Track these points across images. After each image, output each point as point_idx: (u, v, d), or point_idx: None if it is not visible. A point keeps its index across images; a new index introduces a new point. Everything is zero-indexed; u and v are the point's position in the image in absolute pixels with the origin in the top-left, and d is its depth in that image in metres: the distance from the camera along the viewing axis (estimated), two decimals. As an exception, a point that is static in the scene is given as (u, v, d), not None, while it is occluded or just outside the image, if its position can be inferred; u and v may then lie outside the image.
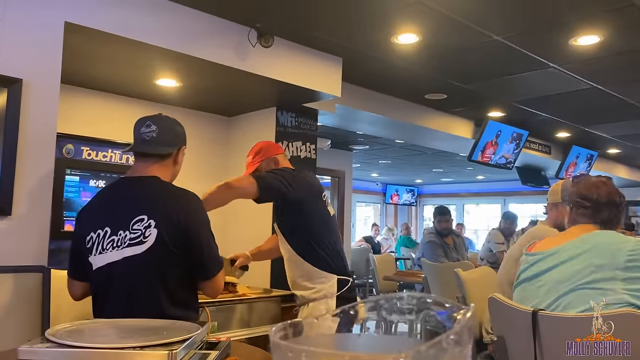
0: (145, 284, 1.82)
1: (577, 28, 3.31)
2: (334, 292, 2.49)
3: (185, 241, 1.85)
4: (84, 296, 2.01)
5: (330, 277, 2.51)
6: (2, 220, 2.24)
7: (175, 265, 1.84)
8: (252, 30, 3.21)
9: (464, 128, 6.10)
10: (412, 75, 4.40)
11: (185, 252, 1.85)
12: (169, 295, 1.83)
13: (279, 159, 2.69)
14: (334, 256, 2.55)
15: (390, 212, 14.78)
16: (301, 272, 2.53)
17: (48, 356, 1.24)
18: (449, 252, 5.71)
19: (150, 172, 1.97)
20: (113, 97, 3.77)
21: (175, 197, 1.93)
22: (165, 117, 2.08)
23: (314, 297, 2.50)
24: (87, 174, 3.64)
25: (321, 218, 2.57)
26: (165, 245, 1.81)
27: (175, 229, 1.83)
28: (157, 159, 2.00)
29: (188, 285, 1.92)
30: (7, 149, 2.26)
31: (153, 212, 1.84)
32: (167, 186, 1.98)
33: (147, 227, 1.82)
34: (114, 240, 1.83)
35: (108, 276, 1.84)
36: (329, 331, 0.53)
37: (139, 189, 1.95)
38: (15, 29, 2.34)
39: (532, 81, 4.49)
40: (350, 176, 8.24)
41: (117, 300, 1.83)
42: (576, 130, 6.60)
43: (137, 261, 1.80)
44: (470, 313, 0.45)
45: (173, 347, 1.25)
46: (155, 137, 1.97)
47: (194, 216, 1.90)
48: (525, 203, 12.79)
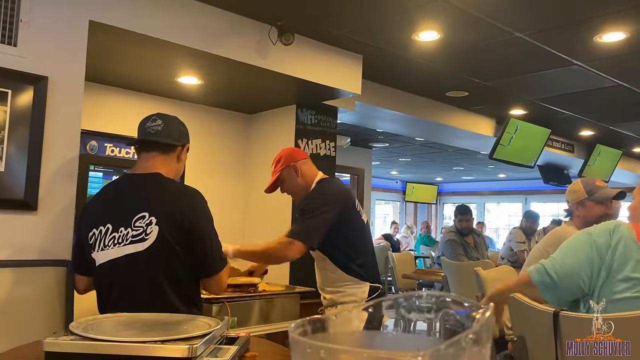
0: (147, 280, 1.83)
1: (602, 24, 3.25)
2: (364, 298, 2.47)
3: (187, 238, 1.85)
4: (88, 290, 2.06)
5: (363, 285, 2.48)
6: (28, 215, 2.29)
7: (177, 262, 1.85)
8: (273, 28, 3.22)
9: (485, 126, 6.04)
10: (432, 73, 4.37)
11: (188, 249, 1.86)
12: (171, 291, 1.84)
13: (298, 166, 2.59)
14: (367, 264, 2.51)
15: (410, 210, 14.70)
16: (334, 278, 2.50)
17: (72, 349, 1.26)
18: (469, 251, 5.67)
19: (153, 167, 1.98)
20: (136, 94, 3.82)
21: (177, 195, 1.93)
22: (170, 116, 2.09)
23: (343, 300, 2.48)
24: (110, 170, 3.70)
25: (355, 227, 2.52)
26: (167, 242, 1.82)
27: (177, 226, 1.83)
28: (161, 152, 2.00)
29: (191, 281, 1.92)
30: (33, 145, 2.30)
31: (155, 209, 1.84)
32: (170, 183, 1.99)
33: (148, 225, 1.82)
34: (115, 237, 1.85)
35: (110, 272, 1.87)
36: (352, 329, 0.53)
37: (141, 186, 1.96)
38: (40, 28, 2.39)
39: (555, 79, 4.43)
40: (370, 174, 8.21)
41: (120, 297, 1.85)
42: (600, 129, 6.49)
43: (138, 258, 1.82)
44: (489, 312, 0.45)
45: (193, 341, 1.27)
46: (160, 130, 1.99)
47: (196, 214, 1.90)
48: (547, 202, 12.61)
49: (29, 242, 2.29)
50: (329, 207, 2.42)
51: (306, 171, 2.62)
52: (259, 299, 2.90)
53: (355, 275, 2.48)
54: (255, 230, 4.26)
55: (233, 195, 4.37)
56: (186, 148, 2.10)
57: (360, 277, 2.49)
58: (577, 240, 1.89)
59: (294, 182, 2.61)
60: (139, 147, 2.05)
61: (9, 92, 2.26)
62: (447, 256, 5.47)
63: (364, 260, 2.51)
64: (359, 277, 2.48)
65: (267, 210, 4.19)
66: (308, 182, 2.60)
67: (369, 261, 2.54)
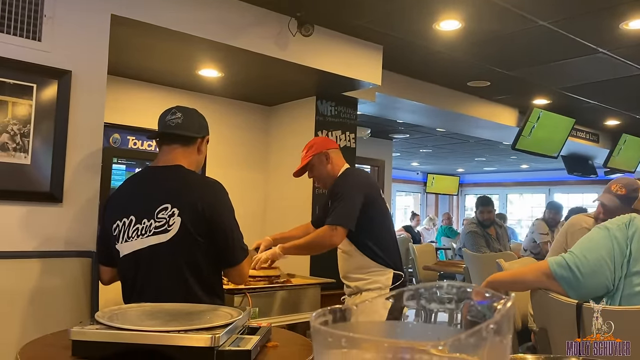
0: (170, 271, 1.86)
1: (628, 11, 3.17)
2: (388, 285, 2.54)
3: (209, 229, 1.87)
4: (112, 281, 2.10)
5: (387, 271, 2.56)
6: (53, 207, 2.34)
7: (199, 252, 1.87)
8: (293, 19, 3.22)
9: (507, 116, 5.97)
10: (454, 63, 4.32)
11: (210, 240, 1.88)
12: (194, 280, 1.86)
13: (330, 154, 2.71)
14: (391, 251, 2.60)
15: (431, 201, 14.61)
16: (359, 264, 2.57)
17: (98, 337, 1.29)
18: (491, 243, 5.63)
19: (174, 159, 2.00)
20: (157, 87, 3.86)
21: (199, 186, 1.95)
22: (190, 108, 2.11)
23: (368, 287, 2.54)
24: (132, 162, 3.75)
25: (381, 214, 2.61)
26: (189, 233, 1.84)
27: (199, 217, 1.86)
28: (181, 144, 2.02)
29: (213, 271, 1.95)
30: (58, 138, 2.34)
31: (177, 201, 1.87)
32: (191, 175, 2.01)
33: (171, 216, 1.85)
34: (139, 228, 1.88)
35: (135, 263, 1.90)
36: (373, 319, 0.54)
37: (163, 178, 1.98)
38: (64, 22, 2.42)
39: (579, 67, 4.34)
40: (390, 165, 8.17)
41: (144, 287, 1.88)
42: (626, 118, 6.35)
43: (162, 249, 1.84)
44: (510, 303, 0.45)
45: (216, 331, 1.29)
46: (180, 123, 2.01)
47: (217, 205, 1.92)
48: (571, 193, 12.41)
49: (54, 233, 2.34)
50: (359, 191, 2.53)
51: (336, 160, 2.72)
52: (281, 289, 2.92)
53: (379, 261, 2.55)
54: (276, 220, 4.28)
55: (253, 186, 4.39)
56: (206, 140, 2.13)
57: (385, 263, 2.55)
58: (597, 236, 1.86)
59: (324, 169, 2.71)
60: (160, 140, 2.08)
61: (34, 86, 2.30)
62: (469, 248, 5.44)
63: (388, 246, 2.58)
64: (383, 264, 2.55)
65: (287, 201, 4.21)
66: (335, 171, 2.70)
67: (393, 248, 2.61)
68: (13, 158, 2.24)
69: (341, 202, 2.50)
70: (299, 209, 4.03)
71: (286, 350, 1.50)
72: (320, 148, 2.72)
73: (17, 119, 2.25)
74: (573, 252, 1.85)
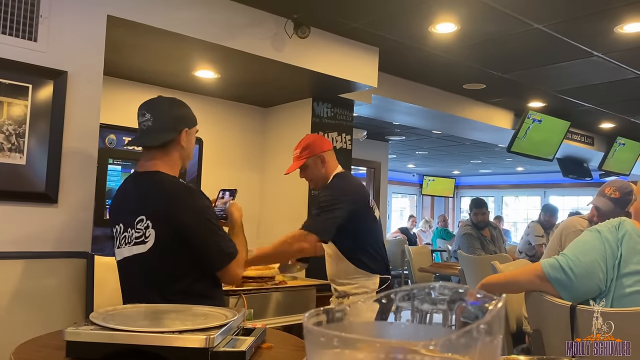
0: (154, 281, 1.85)
1: (623, 15, 3.19)
2: (375, 289, 2.53)
3: (184, 239, 1.82)
4: None
5: (374, 277, 2.54)
6: (49, 208, 2.34)
7: (180, 261, 1.84)
8: (289, 21, 3.22)
9: (503, 118, 5.98)
10: (450, 65, 4.33)
11: (187, 248, 1.83)
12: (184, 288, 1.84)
13: (325, 157, 2.63)
14: (377, 259, 2.57)
15: (427, 203, 14.62)
16: (345, 270, 2.56)
17: (92, 338, 1.29)
18: (486, 245, 5.64)
19: (153, 165, 1.93)
20: (153, 88, 3.85)
21: (166, 197, 1.87)
22: (162, 101, 2.00)
23: (354, 292, 2.53)
24: (128, 163, 3.74)
25: (368, 222, 2.58)
26: (165, 244, 1.82)
27: (172, 228, 1.82)
28: (158, 147, 1.94)
29: (201, 277, 1.89)
30: (54, 139, 2.34)
31: (149, 212, 1.84)
32: (165, 183, 1.90)
33: (146, 228, 1.83)
34: (126, 236, 1.89)
35: (124, 270, 1.92)
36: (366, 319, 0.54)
37: (140, 186, 1.94)
38: (60, 23, 2.42)
39: (574, 70, 4.36)
40: (386, 167, 8.18)
41: (136, 293, 1.88)
42: (621, 121, 6.38)
43: (144, 259, 1.84)
44: (501, 303, 0.45)
45: (210, 332, 1.29)
46: (150, 125, 1.92)
47: (189, 213, 1.83)
48: (567, 195, 12.45)
49: (49, 234, 2.33)
50: (344, 204, 2.46)
51: (330, 163, 2.66)
52: (275, 291, 2.92)
53: (365, 268, 2.53)
54: (271, 222, 4.28)
55: (249, 188, 4.39)
56: (187, 131, 1.98)
57: (370, 269, 2.54)
58: (589, 238, 1.88)
59: (318, 171, 2.65)
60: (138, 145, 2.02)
61: (29, 86, 2.29)
62: (464, 250, 5.45)
63: (373, 253, 2.56)
64: (368, 270, 2.54)
65: (283, 203, 4.21)
66: (329, 173, 2.65)
67: (379, 256, 2.59)
68: (8, 158, 2.23)
69: (323, 212, 2.44)
70: (294, 210, 4.03)
71: (281, 352, 1.49)
72: (316, 150, 2.65)
73: (12, 119, 2.24)
74: (566, 254, 1.86)
